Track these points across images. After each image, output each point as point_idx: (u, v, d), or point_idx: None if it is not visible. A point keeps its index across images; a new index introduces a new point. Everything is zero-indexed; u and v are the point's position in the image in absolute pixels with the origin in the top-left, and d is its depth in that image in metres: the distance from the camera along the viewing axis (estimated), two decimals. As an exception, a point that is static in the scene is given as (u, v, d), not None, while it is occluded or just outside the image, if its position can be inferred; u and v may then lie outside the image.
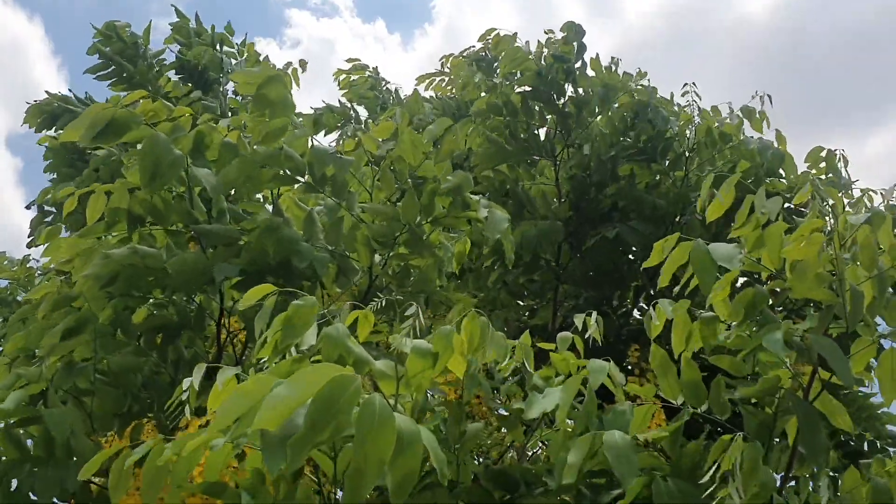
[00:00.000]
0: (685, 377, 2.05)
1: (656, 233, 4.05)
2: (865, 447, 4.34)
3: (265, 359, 1.73)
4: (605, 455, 1.83)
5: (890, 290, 1.93)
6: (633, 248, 4.60)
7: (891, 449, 4.21)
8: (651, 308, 2.17)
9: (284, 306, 1.83)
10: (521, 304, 5.21)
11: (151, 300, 3.01)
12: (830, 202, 1.92)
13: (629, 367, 3.92)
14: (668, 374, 2.08)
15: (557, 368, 2.31)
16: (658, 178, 4.74)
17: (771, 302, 2.10)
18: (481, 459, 3.04)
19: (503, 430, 2.87)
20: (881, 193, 2.26)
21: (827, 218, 1.96)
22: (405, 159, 2.76)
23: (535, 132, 5.06)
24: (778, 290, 2.05)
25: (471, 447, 2.38)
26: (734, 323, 1.97)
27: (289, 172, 2.78)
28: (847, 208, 2.17)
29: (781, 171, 4.63)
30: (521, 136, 4.99)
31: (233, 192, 2.99)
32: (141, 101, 2.82)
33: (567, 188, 4.92)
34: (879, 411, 4.92)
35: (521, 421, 2.39)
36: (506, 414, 2.38)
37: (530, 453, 3.11)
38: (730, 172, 4.53)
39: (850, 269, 1.93)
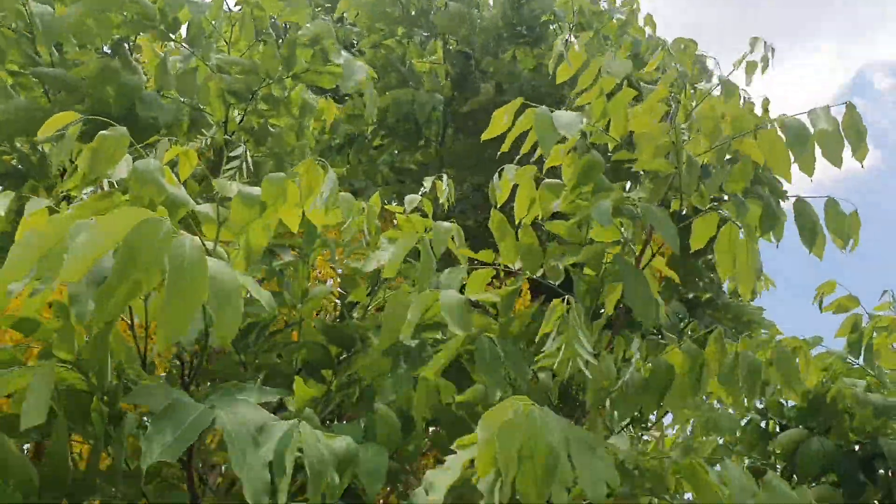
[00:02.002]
0: (522, 242, 2.04)
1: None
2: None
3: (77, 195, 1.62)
4: (440, 310, 1.82)
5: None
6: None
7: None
8: (497, 175, 2.15)
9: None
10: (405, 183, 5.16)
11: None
12: (680, 68, 1.91)
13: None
14: (506, 239, 2.07)
15: (403, 231, 2.28)
16: (539, 63, 4.70)
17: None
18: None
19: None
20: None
21: (674, 88, 1.95)
22: (264, 7, 2.60)
23: (425, 7, 4.91)
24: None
25: (315, 307, 2.35)
26: (567, 189, 1.97)
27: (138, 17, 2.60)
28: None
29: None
30: (411, 12, 4.83)
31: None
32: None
33: (452, 68, 4.83)
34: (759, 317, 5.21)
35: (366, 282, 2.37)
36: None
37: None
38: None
39: (693, 140, 1.94)
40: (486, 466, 1.27)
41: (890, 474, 2.51)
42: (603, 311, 2.06)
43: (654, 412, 1.78)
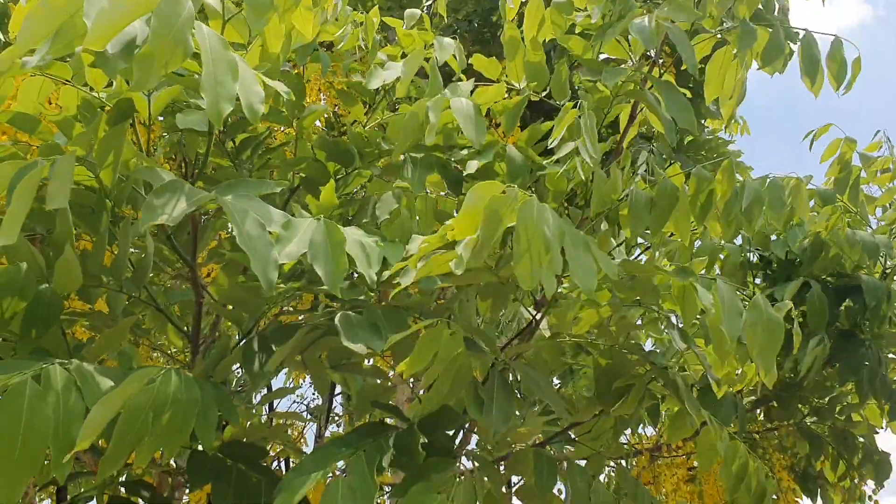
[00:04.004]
0: (529, 58, 2.00)
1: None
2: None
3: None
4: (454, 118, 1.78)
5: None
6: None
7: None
8: None
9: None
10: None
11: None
12: None
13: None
14: (515, 56, 2.02)
15: (403, 46, 2.22)
16: None
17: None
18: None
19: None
20: None
21: None
22: None
23: None
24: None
25: (311, 123, 2.30)
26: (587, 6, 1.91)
27: None
28: None
29: None
30: None
31: None
32: None
33: None
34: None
35: (363, 100, 2.32)
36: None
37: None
38: None
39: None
40: (465, 229, 1.22)
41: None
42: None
43: (659, 233, 1.79)
